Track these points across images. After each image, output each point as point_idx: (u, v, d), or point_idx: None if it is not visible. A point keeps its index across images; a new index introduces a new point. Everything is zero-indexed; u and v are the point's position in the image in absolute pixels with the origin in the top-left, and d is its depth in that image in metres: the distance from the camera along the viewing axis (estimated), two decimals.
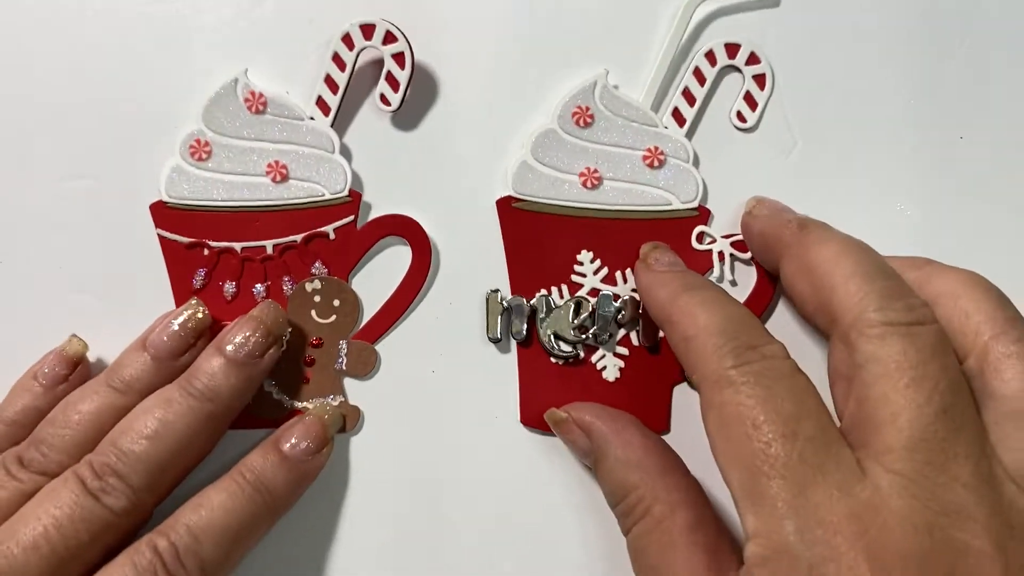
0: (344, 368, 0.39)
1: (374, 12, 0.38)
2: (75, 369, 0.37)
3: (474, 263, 0.39)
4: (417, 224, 0.39)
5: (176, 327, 0.36)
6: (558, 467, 0.39)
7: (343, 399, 0.39)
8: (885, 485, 0.28)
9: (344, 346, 0.39)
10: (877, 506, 0.28)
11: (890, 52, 0.40)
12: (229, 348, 0.36)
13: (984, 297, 0.33)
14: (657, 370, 0.40)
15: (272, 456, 0.36)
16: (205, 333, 0.37)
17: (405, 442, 0.39)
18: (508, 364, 0.40)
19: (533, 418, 0.39)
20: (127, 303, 0.39)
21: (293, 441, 0.37)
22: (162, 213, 0.38)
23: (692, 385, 0.38)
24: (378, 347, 0.39)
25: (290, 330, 0.38)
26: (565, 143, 0.39)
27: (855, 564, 0.28)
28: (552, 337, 0.39)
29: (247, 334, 0.36)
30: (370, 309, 0.39)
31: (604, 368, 0.40)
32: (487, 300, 0.39)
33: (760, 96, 0.39)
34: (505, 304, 0.39)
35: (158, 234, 0.39)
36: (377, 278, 0.39)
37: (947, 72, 0.40)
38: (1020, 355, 0.31)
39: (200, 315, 0.37)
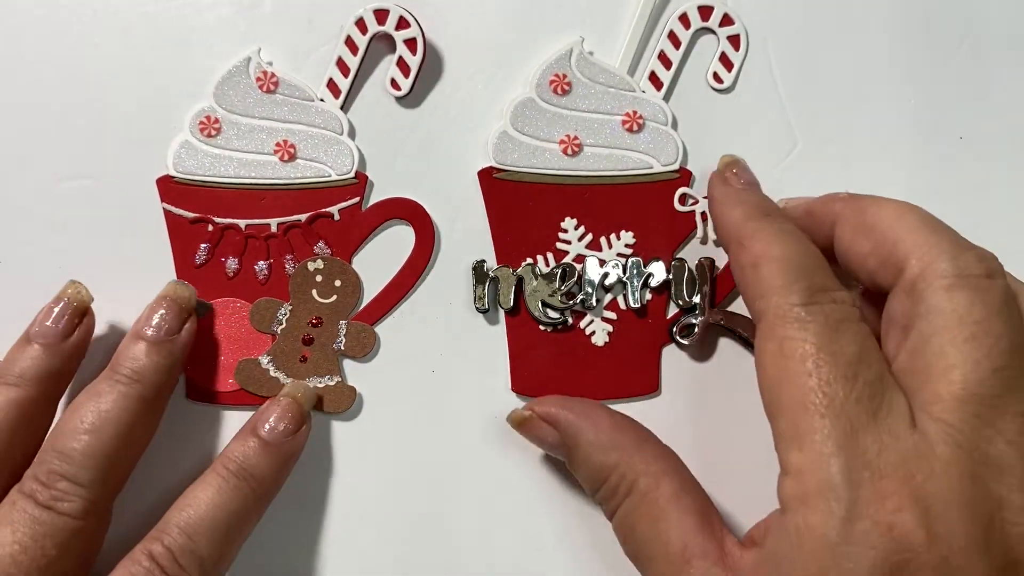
0: (343, 348, 0.39)
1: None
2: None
3: (472, 240, 0.40)
4: (422, 208, 0.39)
5: (57, 309, 0.36)
6: None
7: (340, 379, 0.39)
8: (932, 433, 0.29)
9: (344, 327, 0.39)
10: (924, 453, 0.29)
11: (890, 52, 0.41)
12: (147, 330, 0.35)
13: (919, 223, 0.33)
14: (646, 333, 0.40)
15: (251, 442, 0.36)
16: (88, 311, 0.36)
17: (402, 424, 0.39)
18: (498, 334, 0.40)
19: (525, 386, 0.39)
20: (127, 303, 0.38)
21: (271, 424, 0.36)
22: (168, 187, 0.39)
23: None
24: (378, 329, 0.39)
25: (291, 307, 0.38)
26: (544, 111, 0.39)
27: (900, 507, 0.28)
28: (540, 305, 0.39)
29: (162, 312, 0.36)
30: (370, 290, 0.39)
31: (593, 333, 0.40)
32: (473, 271, 0.39)
33: (735, 57, 0.40)
34: (491, 274, 0.39)
35: (163, 208, 0.39)
36: (378, 259, 0.39)
37: (947, 72, 0.41)
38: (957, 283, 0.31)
39: (81, 293, 0.36)
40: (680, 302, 0.40)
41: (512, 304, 0.39)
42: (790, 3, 0.40)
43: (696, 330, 0.39)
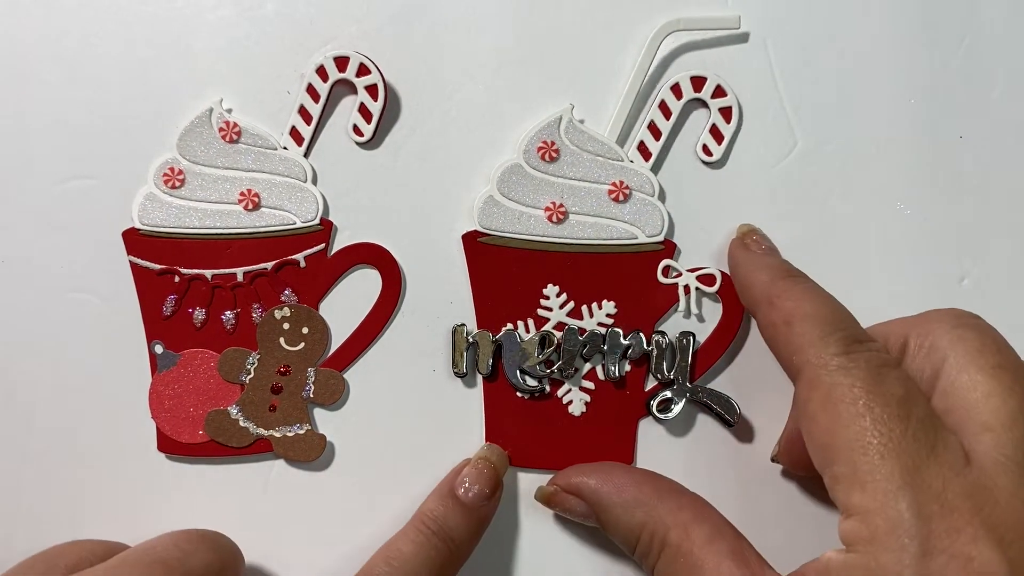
0: (312, 396, 0.39)
1: (371, 16, 0.39)
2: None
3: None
4: (388, 253, 0.39)
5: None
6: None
7: (309, 427, 0.39)
8: (988, 465, 0.29)
9: (312, 374, 0.39)
10: (986, 485, 0.29)
11: (890, 52, 0.40)
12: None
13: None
14: (623, 405, 0.39)
15: (450, 502, 0.37)
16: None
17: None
18: (474, 398, 0.39)
19: None
20: (127, 302, 0.39)
21: (467, 486, 0.37)
22: (134, 240, 0.39)
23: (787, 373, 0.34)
24: (347, 375, 0.39)
25: (259, 355, 0.39)
26: (531, 177, 0.39)
27: (976, 538, 0.28)
28: (518, 372, 0.39)
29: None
30: (337, 334, 0.39)
31: (570, 402, 0.39)
32: (453, 334, 0.39)
33: (727, 130, 0.39)
34: (471, 339, 0.39)
35: (130, 261, 0.39)
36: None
37: (947, 72, 0.40)
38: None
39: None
40: (659, 376, 0.39)
41: (490, 370, 0.39)
42: (790, 3, 0.40)
43: (676, 408, 0.39)
